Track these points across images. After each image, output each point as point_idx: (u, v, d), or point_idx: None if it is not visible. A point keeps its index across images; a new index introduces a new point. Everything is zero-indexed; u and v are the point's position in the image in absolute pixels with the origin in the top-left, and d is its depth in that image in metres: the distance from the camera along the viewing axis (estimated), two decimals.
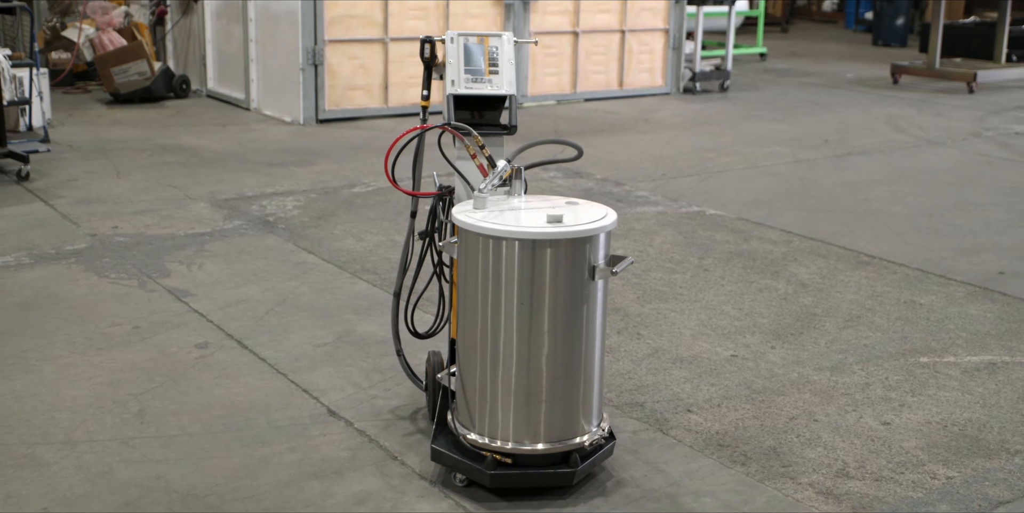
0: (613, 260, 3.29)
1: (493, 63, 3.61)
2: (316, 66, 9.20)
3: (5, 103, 7.38)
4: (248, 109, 9.91)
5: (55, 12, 11.08)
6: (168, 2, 11.00)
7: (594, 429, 3.42)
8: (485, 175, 3.49)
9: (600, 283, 3.30)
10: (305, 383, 4.14)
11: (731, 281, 5.41)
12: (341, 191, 7.02)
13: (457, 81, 3.56)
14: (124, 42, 10.46)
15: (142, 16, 11.04)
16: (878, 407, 4.04)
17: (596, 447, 3.42)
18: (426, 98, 3.66)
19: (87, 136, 8.55)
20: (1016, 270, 5.67)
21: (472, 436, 3.38)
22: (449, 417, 3.53)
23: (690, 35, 11.73)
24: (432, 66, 3.68)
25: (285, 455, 3.59)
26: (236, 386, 4.11)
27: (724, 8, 11.89)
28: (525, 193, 3.48)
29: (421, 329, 3.88)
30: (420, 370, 3.95)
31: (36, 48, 8.32)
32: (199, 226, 6.15)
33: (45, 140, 7.94)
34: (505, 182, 3.44)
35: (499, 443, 3.34)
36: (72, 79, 10.82)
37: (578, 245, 3.21)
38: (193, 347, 4.47)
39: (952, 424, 3.92)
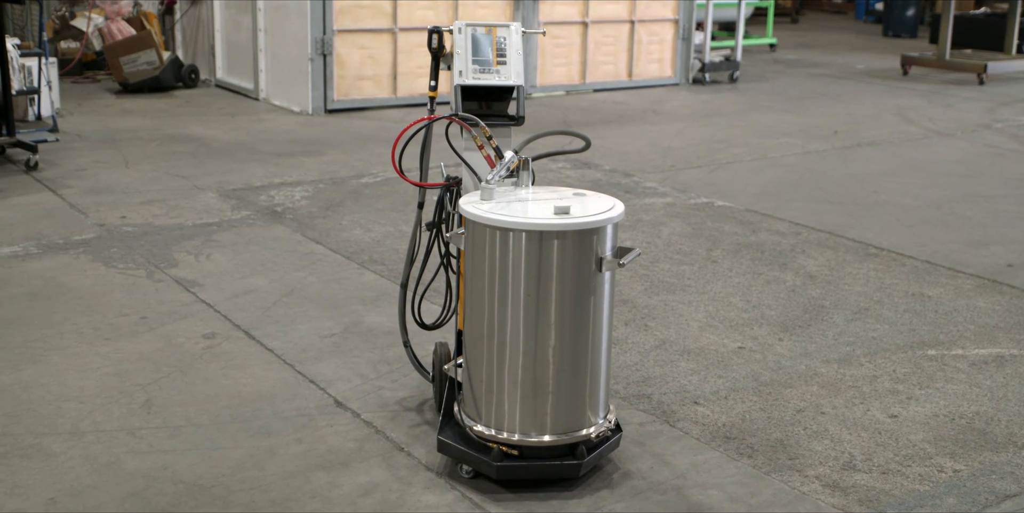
0: (620, 252, 3.28)
1: (501, 53, 3.60)
2: (325, 56, 9.19)
3: (14, 92, 7.38)
4: (257, 99, 9.90)
5: (64, 1, 11.08)
6: None
7: (601, 421, 3.42)
8: (492, 166, 3.48)
9: (607, 275, 3.30)
10: (312, 374, 4.15)
11: (739, 273, 5.39)
12: (349, 181, 7.02)
13: (465, 72, 3.55)
14: (133, 31, 10.46)
15: (151, 5, 11.04)
16: (885, 400, 4.04)
17: (602, 439, 3.42)
18: (434, 89, 3.65)
19: (96, 126, 8.55)
20: None
21: (479, 428, 3.38)
22: (456, 408, 3.53)
23: (700, 26, 11.70)
24: (440, 56, 3.66)
25: (292, 446, 3.59)
26: (243, 377, 4.11)
27: None
28: (532, 184, 3.48)
29: (428, 320, 3.88)
30: (427, 361, 3.95)
31: (45, 37, 8.33)
32: (207, 216, 6.16)
33: (54, 130, 7.95)
34: (512, 173, 3.43)
35: (505, 435, 3.34)
36: (81, 68, 10.83)
37: (585, 236, 3.21)
38: (200, 337, 4.47)
39: (959, 417, 3.91)
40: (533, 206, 3.29)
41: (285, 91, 9.62)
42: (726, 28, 14.26)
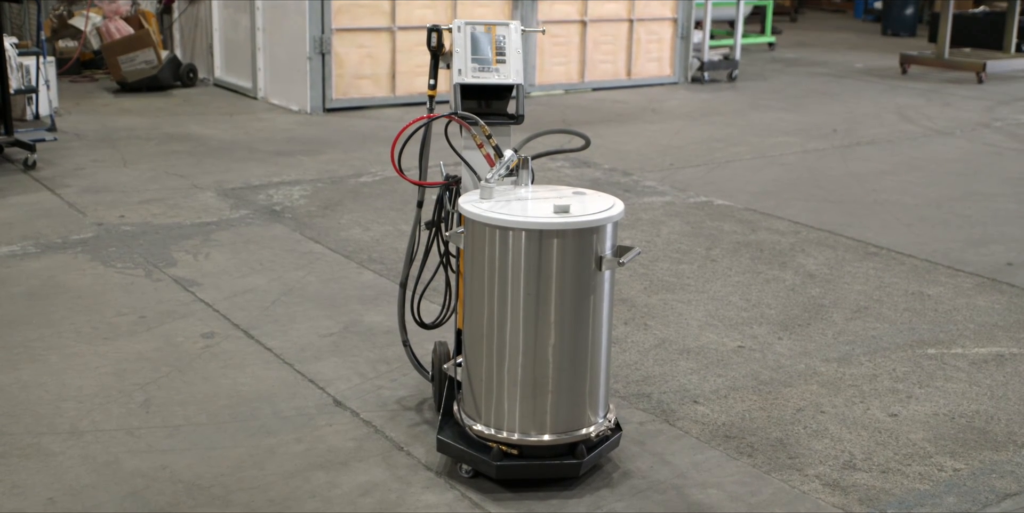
0: (620, 251, 3.28)
1: (500, 52, 3.60)
2: (323, 55, 9.18)
3: (12, 92, 7.37)
4: (255, 98, 9.89)
5: (62, 0, 11.06)
6: None
7: (600, 420, 3.42)
8: (492, 165, 3.47)
9: (607, 274, 3.29)
10: (311, 373, 4.14)
11: (738, 272, 5.39)
12: (348, 180, 7.01)
13: (464, 70, 3.55)
14: (131, 30, 10.45)
15: (149, 4, 11.03)
16: (885, 399, 4.03)
17: (602, 438, 3.41)
18: (433, 87, 3.64)
19: (94, 125, 8.54)
20: None
21: (478, 427, 3.38)
22: (455, 408, 3.52)
23: (699, 24, 11.69)
24: (439, 55, 3.66)
25: (291, 445, 3.59)
26: (242, 376, 4.11)
27: None
28: (532, 183, 3.47)
29: (428, 319, 3.88)
30: (426, 360, 3.94)
31: (43, 36, 8.32)
32: (206, 215, 6.15)
33: (52, 129, 7.94)
34: (512, 172, 3.43)
35: (505, 434, 3.33)
36: (79, 68, 10.82)
37: (585, 235, 3.20)
38: (199, 337, 4.46)
39: (959, 416, 3.91)
40: (533, 205, 3.28)
41: (284, 90, 9.61)
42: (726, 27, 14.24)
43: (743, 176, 7.38)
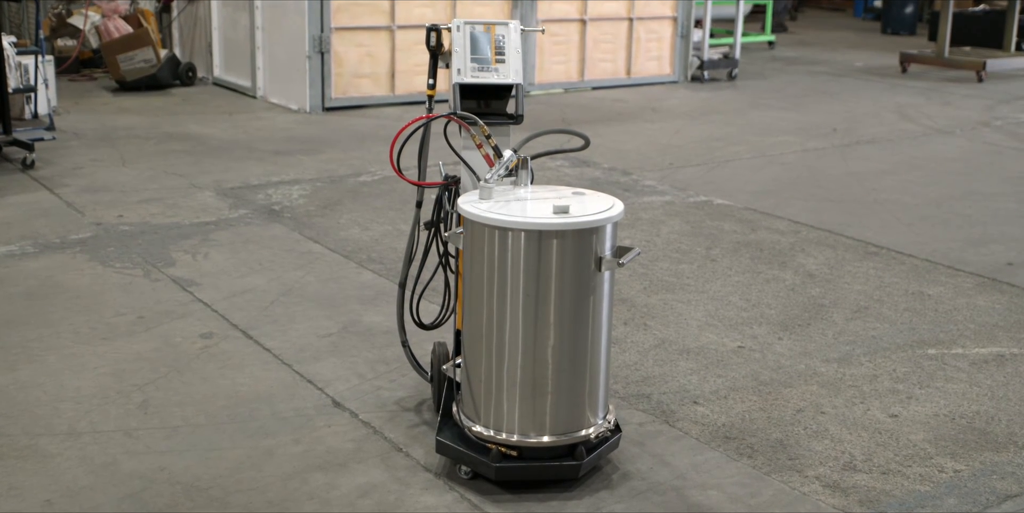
0: (620, 251, 3.27)
1: (500, 52, 3.59)
2: (323, 54, 9.17)
3: (10, 90, 7.35)
4: (254, 97, 9.88)
5: None
6: None
7: (600, 421, 3.41)
8: (491, 165, 3.46)
9: (607, 274, 3.28)
10: (310, 374, 4.13)
11: (738, 271, 5.38)
12: (347, 180, 7.00)
13: (463, 70, 3.54)
14: (130, 29, 10.43)
15: (148, 3, 11.01)
16: (885, 399, 4.02)
17: (602, 439, 3.40)
18: (432, 87, 3.63)
19: (93, 124, 8.53)
20: None
21: (477, 428, 3.37)
22: (454, 409, 3.51)
23: (698, 23, 11.67)
24: (438, 54, 3.65)
25: (289, 446, 3.58)
26: (240, 377, 4.09)
27: None
28: (531, 183, 3.46)
29: (427, 320, 3.87)
30: (425, 361, 3.93)
31: (42, 35, 8.30)
32: (204, 215, 6.14)
33: (50, 128, 7.92)
34: (511, 172, 3.42)
35: (504, 435, 3.32)
36: (78, 66, 10.80)
37: (584, 236, 3.19)
38: (198, 337, 4.45)
39: (960, 417, 3.90)
40: (532, 205, 3.27)
41: (283, 89, 9.59)
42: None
43: (743, 175, 7.37)
